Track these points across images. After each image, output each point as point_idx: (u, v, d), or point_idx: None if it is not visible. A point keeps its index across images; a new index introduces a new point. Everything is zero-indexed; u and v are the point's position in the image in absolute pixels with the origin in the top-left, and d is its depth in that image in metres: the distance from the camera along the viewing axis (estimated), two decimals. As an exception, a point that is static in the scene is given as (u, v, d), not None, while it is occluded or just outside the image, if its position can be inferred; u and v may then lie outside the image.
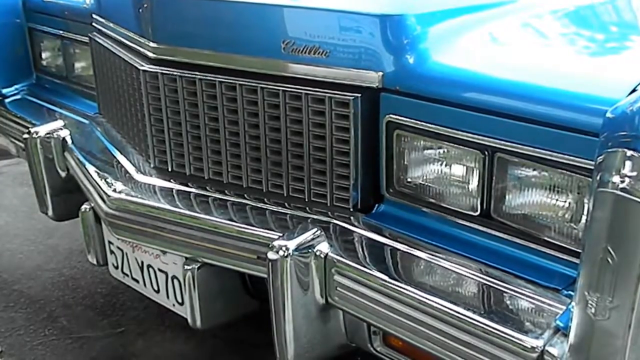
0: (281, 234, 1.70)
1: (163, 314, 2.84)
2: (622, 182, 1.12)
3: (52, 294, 3.12)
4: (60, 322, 2.92)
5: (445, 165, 1.67)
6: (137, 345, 2.77)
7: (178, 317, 2.12)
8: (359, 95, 1.72)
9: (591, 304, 1.18)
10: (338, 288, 1.65)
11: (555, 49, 1.78)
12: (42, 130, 2.41)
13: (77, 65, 2.84)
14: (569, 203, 1.49)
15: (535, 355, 1.32)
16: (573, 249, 1.48)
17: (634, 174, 1.11)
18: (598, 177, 1.16)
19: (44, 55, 3.03)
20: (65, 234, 3.56)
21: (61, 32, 2.83)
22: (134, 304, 2.97)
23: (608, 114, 1.19)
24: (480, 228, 1.63)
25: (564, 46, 1.81)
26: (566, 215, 1.50)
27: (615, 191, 1.13)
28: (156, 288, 2.15)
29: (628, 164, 1.12)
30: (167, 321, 2.83)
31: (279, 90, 1.81)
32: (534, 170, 1.51)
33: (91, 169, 2.20)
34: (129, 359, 2.70)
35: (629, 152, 1.12)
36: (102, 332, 2.85)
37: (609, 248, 1.15)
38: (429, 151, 1.70)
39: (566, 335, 1.28)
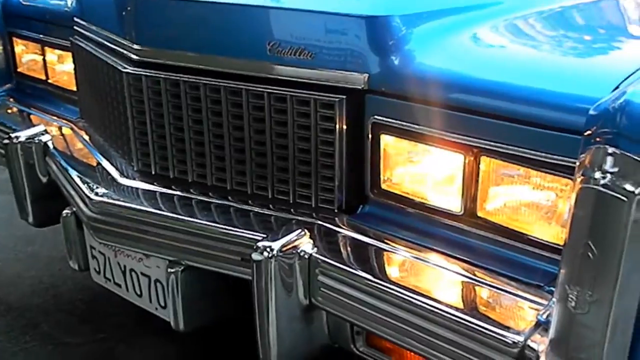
0: (265, 235, 1.71)
1: (144, 319, 2.80)
2: (604, 178, 1.14)
3: (33, 301, 3.09)
4: (41, 328, 2.89)
5: (430, 166, 1.69)
6: (119, 350, 2.75)
7: (160, 323, 2.11)
8: (344, 96, 1.74)
9: (571, 298, 1.20)
10: (322, 288, 1.65)
11: (540, 50, 1.80)
12: (23, 135, 2.39)
13: (58, 69, 2.82)
14: (552, 202, 1.51)
15: (516, 350, 1.33)
16: (556, 246, 1.49)
17: (616, 170, 1.13)
18: (580, 174, 1.18)
19: (23, 59, 3.01)
20: (46, 241, 3.52)
21: (41, 36, 2.82)
22: (116, 310, 2.94)
23: (591, 112, 1.21)
24: (465, 227, 1.65)
25: (549, 47, 1.83)
26: (549, 214, 1.51)
27: (596, 187, 1.15)
28: (139, 292, 2.14)
29: (610, 160, 1.14)
30: (148, 326, 2.80)
31: (263, 92, 1.82)
32: (518, 169, 1.53)
33: (73, 173, 2.18)
34: (110, 366, 2.68)
35: (611, 149, 1.14)
36: (84, 338, 2.82)
37: (590, 243, 1.17)
38: (414, 152, 1.71)
39: (547, 330, 1.30)
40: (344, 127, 1.76)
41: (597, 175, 1.14)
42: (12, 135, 2.38)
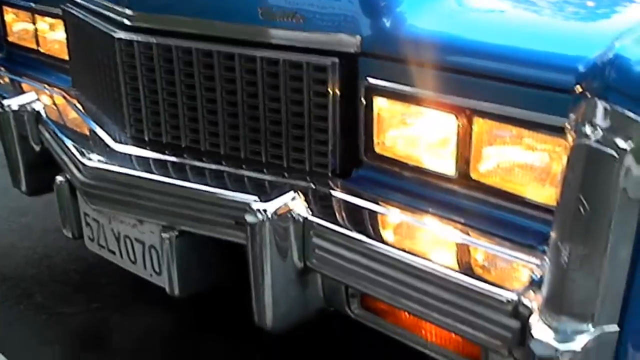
0: (259, 199, 1.71)
1: (139, 289, 2.82)
2: (594, 133, 1.15)
3: (27, 271, 3.10)
4: (36, 298, 2.90)
5: (423, 128, 1.69)
6: (114, 319, 2.77)
7: (154, 293, 2.12)
8: (337, 60, 1.73)
9: (564, 254, 1.21)
10: (316, 250, 1.66)
11: (533, 11, 1.78)
12: (15, 103, 2.38)
13: (49, 38, 2.80)
14: (546, 162, 1.51)
15: (510, 308, 1.34)
16: (549, 207, 1.50)
17: (605, 124, 1.14)
18: (571, 130, 1.19)
19: (14, 28, 2.98)
20: (39, 213, 3.52)
21: (32, 4, 2.79)
22: (110, 280, 2.96)
23: (580, 68, 1.22)
24: (458, 190, 1.65)
25: (542, 7, 1.82)
26: (542, 174, 1.52)
27: (587, 142, 1.16)
28: (133, 259, 2.15)
29: (599, 114, 1.14)
30: (143, 296, 2.82)
31: (256, 56, 1.82)
32: (511, 130, 1.53)
33: (66, 140, 2.18)
34: (106, 334, 2.69)
35: (601, 103, 1.14)
36: (78, 308, 2.83)
37: (582, 198, 1.18)
38: (407, 114, 1.71)
39: (541, 288, 1.31)
40: (337, 90, 1.76)
41: (588, 130, 1.15)
42: (4, 103, 2.37)
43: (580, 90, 1.19)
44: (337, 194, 1.77)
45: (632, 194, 1.15)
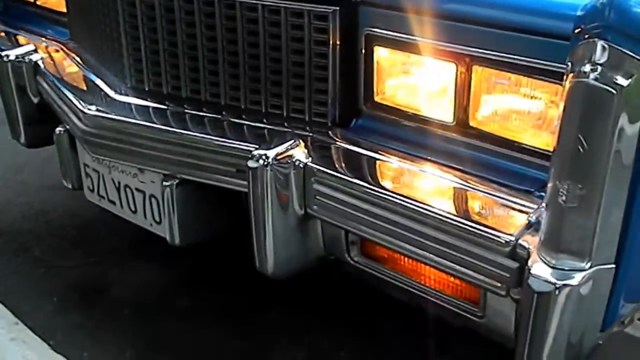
0: (259, 146, 1.73)
1: (137, 244, 2.87)
2: (593, 71, 1.17)
3: (23, 226, 3.10)
4: (33, 252, 2.91)
5: (423, 77, 1.70)
6: (112, 274, 2.78)
7: (153, 247, 2.13)
8: (337, 8, 1.74)
9: (562, 192, 1.24)
10: (317, 197, 1.69)
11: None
12: (13, 53, 2.38)
13: (47, -11, 2.78)
14: (543, 108, 1.53)
15: (508, 249, 1.37)
16: (546, 153, 1.53)
17: (605, 62, 1.16)
18: (570, 70, 1.21)
19: (10, -19, 2.96)
20: (35, 170, 3.52)
21: (29, -44, 2.77)
22: (108, 235, 2.97)
23: (579, 13, 1.23)
24: (457, 137, 1.67)
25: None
26: (540, 120, 1.54)
27: (586, 80, 1.18)
28: (133, 209, 2.17)
29: (599, 52, 1.17)
30: (141, 251, 2.84)
31: (257, 4, 1.82)
32: (510, 78, 1.55)
33: (66, 90, 2.18)
34: (104, 287, 2.71)
35: (600, 42, 1.16)
36: (76, 262, 2.85)
37: (580, 137, 1.20)
38: (407, 63, 1.72)
39: (538, 231, 1.34)
40: (338, 39, 1.76)
41: (587, 68, 1.17)
42: (2, 54, 2.37)
43: (579, 31, 1.20)
44: (337, 142, 1.79)
45: (630, 132, 1.17)
